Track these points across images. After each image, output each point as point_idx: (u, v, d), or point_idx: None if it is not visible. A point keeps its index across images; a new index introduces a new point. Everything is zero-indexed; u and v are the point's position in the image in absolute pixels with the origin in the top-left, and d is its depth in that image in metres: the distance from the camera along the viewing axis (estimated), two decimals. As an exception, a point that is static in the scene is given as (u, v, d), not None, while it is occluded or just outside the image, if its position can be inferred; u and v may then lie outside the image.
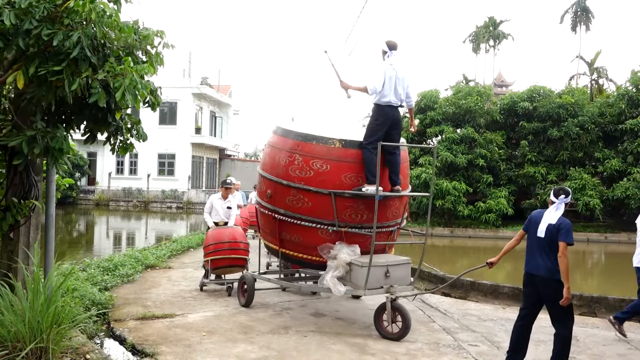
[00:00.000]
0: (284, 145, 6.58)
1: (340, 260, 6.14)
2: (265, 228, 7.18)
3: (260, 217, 7.30)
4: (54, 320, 4.43)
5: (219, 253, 8.15)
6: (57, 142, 4.67)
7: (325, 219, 6.31)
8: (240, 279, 7.60)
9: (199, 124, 41.64)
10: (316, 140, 6.35)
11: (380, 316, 6.19)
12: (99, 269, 9.20)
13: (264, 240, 7.39)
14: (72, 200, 35.49)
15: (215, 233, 8.40)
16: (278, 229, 6.69)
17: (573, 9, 47.13)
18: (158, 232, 24.75)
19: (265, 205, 6.86)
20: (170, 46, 5.17)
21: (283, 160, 6.50)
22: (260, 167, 7.14)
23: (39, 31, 4.31)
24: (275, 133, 7.00)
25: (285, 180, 6.44)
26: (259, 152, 64.21)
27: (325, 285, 6.19)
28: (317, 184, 6.24)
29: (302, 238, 6.56)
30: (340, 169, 6.23)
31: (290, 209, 6.47)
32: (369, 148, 6.16)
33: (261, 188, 7.02)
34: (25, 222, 5.14)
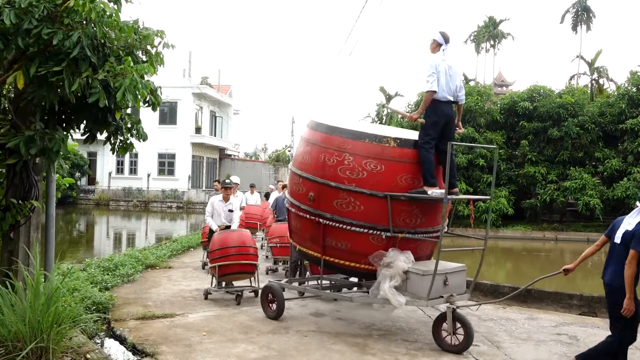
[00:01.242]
0: (330, 143, 6.06)
1: (397, 269, 5.69)
2: (304, 234, 6.53)
3: (297, 222, 6.61)
4: (54, 320, 4.43)
5: (226, 259, 7.59)
6: (55, 143, 4.67)
7: (378, 224, 5.83)
8: (266, 289, 6.91)
9: (199, 123, 41.64)
10: (369, 138, 5.88)
11: (439, 327, 5.73)
12: (99, 269, 9.21)
13: (300, 246, 6.68)
14: (72, 200, 35.50)
15: (222, 237, 7.84)
16: (322, 235, 6.12)
17: (574, 8, 47.14)
18: (158, 232, 24.76)
19: (306, 209, 6.24)
20: (170, 46, 5.17)
21: (330, 160, 5.98)
22: (297, 166, 6.53)
23: (39, 31, 4.31)
24: (314, 129, 6.43)
25: (333, 182, 5.92)
26: (259, 151, 64.24)
27: (383, 296, 5.68)
28: (370, 186, 5.78)
29: (350, 244, 6.03)
30: (396, 169, 5.82)
31: (339, 213, 5.95)
32: (426, 147, 5.82)
33: (299, 190, 6.41)
34: (25, 222, 5.14)
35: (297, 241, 6.82)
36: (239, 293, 7.76)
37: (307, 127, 6.65)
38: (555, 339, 6.26)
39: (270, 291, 6.85)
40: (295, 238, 6.87)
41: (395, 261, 5.73)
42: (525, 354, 5.74)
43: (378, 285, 5.81)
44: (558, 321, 7.07)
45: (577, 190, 22.99)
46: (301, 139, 6.76)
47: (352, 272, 6.48)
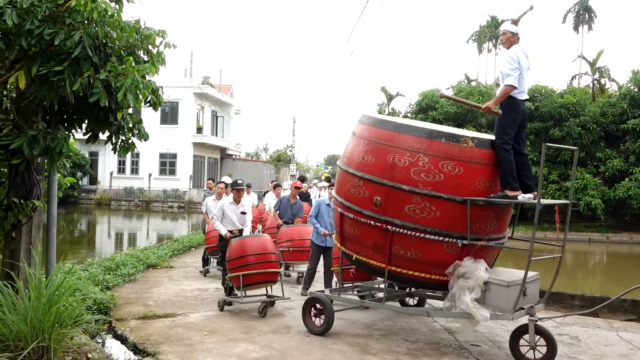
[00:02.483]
0: (401, 142, 5.53)
1: (477, 280, 5.23)
2: (364, 241, 5.88)
3: (356, 229, 5.93)
4: (55, 320, 4.44)
5: (248, 267, 6.96)
6: (57, 143, 4.68)
7: (454, 231, 5.39)
8: (311, 301, 6.29)
9: (200, 123, 41.65)
10: (445, 137, 5.42)
11: (517, 341, 5.33)
12: (100, 269, 9.22)
13: (357, 255, 6.01)
14: (74, 199, 35.52)
15: (240, 244, 7.19)
16: (390, 243, 5.57)
17: (575, 8, 47.08)
18: (159, 231, 24.77)
19: (370, 214, 5.65)
20: (171, 46, 5.17)
21: (401, 161, 5.45)
22: (354, 167, 5.90)
23: (40, 31, 4.31)
24: (376, 126, 5.88)
25: (406, 185, 5.39)
26: (260, 151, 64.22)
27: (464, 310, 5.22)
28: (448, 190, 5.31)
29: (421, 253, 5.51)
30: (475, 172, 5.39)
31: (411, 220, 5.43)
32: (506, 148, 5.41)
33: (359, 193, 5.79)
34: (27, 222, 5.15)
35: (353, 249, 6.10)
36: (265, 304, 7.10)
37: (364, 123, 6.09)
38: (557, 340, 6.25)
39: (316, 303, 6.24)
40: (350, 246, 6.14)
41: (475, 271, 5.26)
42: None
43: (453, 298, 5.34)
44: (559, 321, 7.06)
45: (579, 191, 22.97)
46: (356, 136, 6.13)
47: (420, 283, 5.91)
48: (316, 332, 6.14)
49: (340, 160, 6.37)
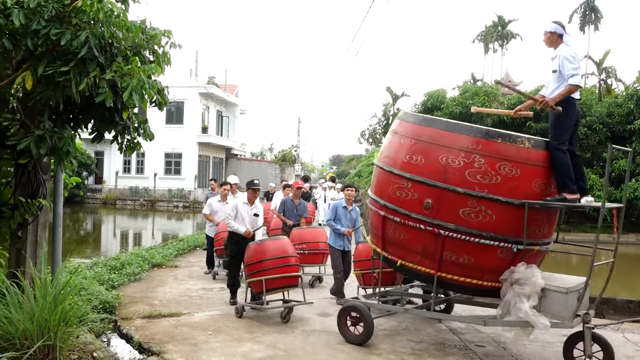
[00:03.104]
0: (454, 142, 5.29)
1: (534, 286, 5.02)
2: (412, 246, 5.60)
3: (402, 233, 5.62)
4: (61, 319, 4.45)
5: (270, 272, 6.70)
6: (64, 143, 4.70)
7: (510, 236, 5.18)
8: (348, 309, 5.99)
9: (205, 123, 41.72)
10: (502, 137, 5.21)
11: (572, 348, 5.20)
12: (106, 268, 9.25)
13: (402, 261, 5.71)
14: (80, 199, 35.66)
15: (260, 248, 6.92)
16: (441, 248, 5.32)
17: (581, 8, 46.91)
18: (165, 231, 24.83)
19: (420, 218, 5.38)
20: (177, 46, 5.18)
21: (455, 162, 5.21)
22: (400, 167, 5.59)
23: (47, 31, 4.33)
24: (425, 125, 5.61)
25: (461, 188, 5.16)
26: (265, 151, 64.27)
27: (522, 318, 4.99)
28: (505, 193, 5.10)
29: (474, 259, 5.28)
30: (531, 174, 5.19)
31: (466, 224, 5.19)
32: (563, 149, 5.23)
33: (406, 195, 5.49)
34: (33, 221, 5.17)
35: (397, 254, 5.78)
36: (289, 309, 6.88)
37: (410, 121, 5.82)
38: (562, 340, 6.21)
39: (353, 311, 5.95)
40: (394, 250, 5.82)
41: (532, 277, 5.05)
42: (531, 355, 5.72)
43: (507, 306, 5.12)
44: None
45: (585, 191, 22.85)
46: (399, 135, 5.82)
47: (470, 290, 5.66)
48: (355, 342, 5.85)
49: (380, 160, 6.03)
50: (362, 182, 36.18)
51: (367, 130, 56.15)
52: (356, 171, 39.73)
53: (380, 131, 54.33)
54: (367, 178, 31.47)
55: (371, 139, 55.50)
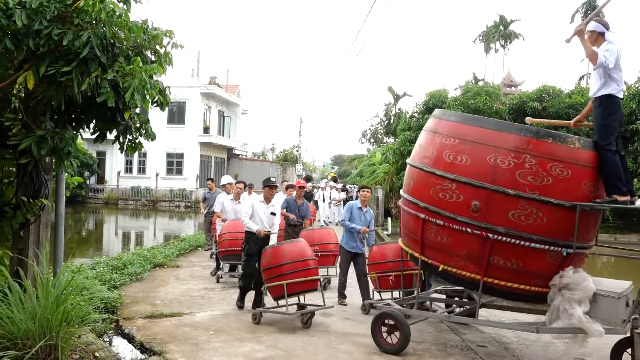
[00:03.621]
0: (503, 142, 5.10)
1: (586, 291, 4.85)
2: (456, 250, 5.34)
3: (447, 237, 5.36)
4: (63, 319, 4.46)
5: (289, 276, 6.50)
6: (65, 143, 4.71)
7: (560, 239, 5.02)
8: (383, 316, 5.74)
9: (207, 123, 41.75)
10: (552, 137, 5.03)
11: (621, 354, 5.11)
12: (107, 268, 9.27)
13: (446, 266, 5.45)
14: (82, 199, 35.71)
15: (278, 251, 6.72)
16: (489, 252, 5.10)
17: (583, 8, 46.85)
18: (166, 231, 24.85)
19: (467, 221, 5.16)
20: (179, 46, 5.18)
21: (505, 163, 5.02)
22: (444, 169, 5.34)
23: (49, 31, 4.34)
24: (472, 124, 5.37)
25: (511, 189, 4.96)
26: (267, 151, 64.27)
27: (576, 325, 4.82)
28: (557, 195, 4.94)
29: (522, 263, 5.09)
30: (581, 175, 5.04)
31: (516, 227, 5.00)
32: (612, 149, 5.09)
33: (450, 197, 5.27)
34: (35, 221, 5.18)
35: (438, 259, 5.51)
36: (310, 313, 6.68)
37: (452, 120, 5.59)
38: (563, 341, 6.21)
39: (388, 318, 5.71)
40: (435, 255, 5.55)
41: (583, 282, 4.89)
42: (533, 356, 5.72)
43: (557, 312, 4.97)
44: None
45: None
46: (439, 134, 5.57)
47: (516, 295, 5.43)
48: (390, 351, 5.61)
49: (417, 160, 5.76)
50: (363, 182, 36.21)
51: (368, 130, 56.25)
52: (358, 171, 39.77)
53: (381, 131, 54.38)
54: (369, 178, 31.49)
55: (373, 138, 55.54)
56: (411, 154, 6.07)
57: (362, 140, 57.48)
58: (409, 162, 6.01)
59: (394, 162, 27.68)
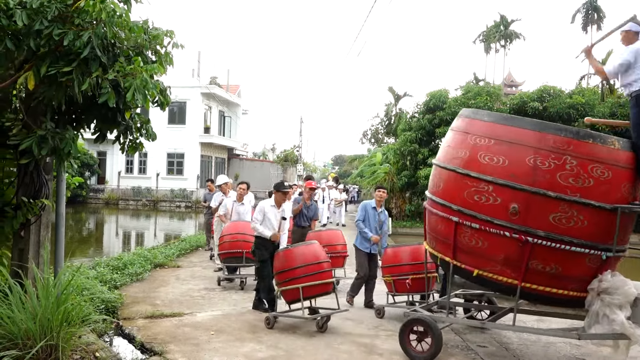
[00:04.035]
0: (543, 143, 4.93)
1: (627, 296, 4.73)
2: (493, 255, 5.13)
3: (483, 241, 5.15)
4: (64, 319, 4.46)
5: (303, 279, 6.35)
6: (65, 143, 4.71)
7: (600, 242, 4.90)
8: (412, 323, 5.50)
9: (207, 123, 41.76)
10: (592, 138, 4.91)
11: None
12: (108, 268, 9.26)
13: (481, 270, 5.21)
14: (82, 199, 35.72)
15: (292, 254, 6.57)
16: (528, 256, 4.93)
17: (584, 8, 46.87)
18: (167, 231, 24.86)
19: (505, 224, 4.98)
20: (179, 46, 5.18)
21: (545, 164, 4.86)
22: (480, 170, 5.14)
23: (49, 31, 4.34)
24: (509, 125, 5.19)
25: (552, 191, 4.80)
26: (267, 151, 64.30)
27: (618, 330, 4.70)
28: (598, 197, 4.81)
29: (561, 268, 4.95)
30: (621, 176, 4.94)
31: (556, 230, 4.84)
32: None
33: (487, 200, 5.08)
34: (35, 221, 5.18)
35: (473, 264, 5.28)
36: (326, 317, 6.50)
37: (486, 120, 5.40)
38: (564, 341, 6.22)
39: (418, 325, 5.48)
40: (469, 259, 5.32)
41: (624, 287, 4.77)
42: (533, 356, 5.71)
43: (596, 317, 4.84)
44: (567, 323, 7.02)
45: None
46: (472, 135, 5.37)
47: (554, 300, 5.29)
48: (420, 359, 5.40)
49: (448, 161, 5.53)
50: (364, 182, 36.20)
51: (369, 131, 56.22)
52: (358, 171, 39.75)
53: (382, 131, 54.37)
54: (370, 178, 31.48)
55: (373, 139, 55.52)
56: (438, 154, 5.90)
57: (362, 141, 57.47)
58: (436, 163, 5.82)
59: (394, 162, 27.69)
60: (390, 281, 7.29)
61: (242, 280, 8.87)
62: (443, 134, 25.67)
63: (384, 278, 7.43)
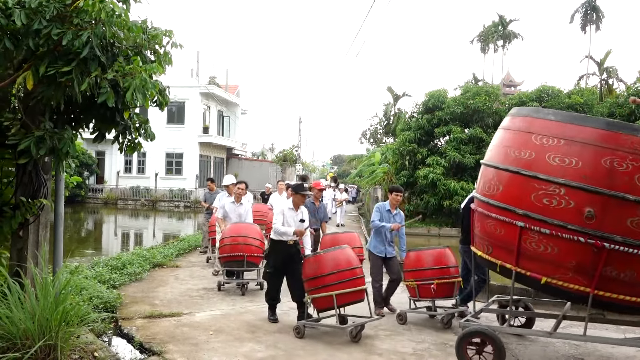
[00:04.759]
0: (620, 144, 4.70)
1: None
2: (564, 261, 4.86)
3: (554, 246, 4.87)
4: (62, 319, 4.46)
5: (337, 286, 6.01)
6: (64, 144, 4.71)
7: None
8: (472, 335, 5.19)
9: (206, 123, 41.77)
10: None
11: None
12: (107, 268, 9.26)
13: (550, 278, 4.92)
14: (81, 198, 35.71)
15: (322, 259, 6.24)
16: (603, 263, 4.69)
17: (583, 8, 46.94)
18: (166, 231, 24.85)
19: (579, 229, 4.72)
20: (178, 46, 5.18)
21: (622, 166, 4.63)
22: (549, 172, 4.86)
23: (48, 31, 4.33)
24: (580, 124, 4.95)
25: (631, 195, 4.58)
26: (266, 151, 64.27)
27: None
28: None
29: (636, 274, 4.73)
30: None
31: (634, 235, 4.61)
32: None
33: (561, 204, 4.80)
34: (34, 221, 5.17)
35: (540, 271, 4.98)
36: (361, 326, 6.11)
37: (553, 119, 5.12)
38: (562, 341, 6.22)
39: (476, 336, 5.21)
40: (535, 266, 5.01)
41: None
42: (532, 355, 5.72)
43: None
44: (566, 322, 7.02)
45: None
46: (537, 135, 5.09)
47: (627, 308, 5.03)
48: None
49: (509, 162, 5.21)
50: (363, 182, 36.22)
51: (368, 130, 56.30)
52: (357, 171, 39.77)
53: (381, 131, 54.43)
54: (368, 178, 31.50)
55: (372, 138, 55.59)
56: (490, 155, 5.63)
57: (361, 140, 57.59)
58: (490, 164, 5.52)
59: (393, 162, 27.71)
60: (413, 286, 6.96)
61: (244, 285, 8.50)
62: (442, 134, 25.76)
63: (406, 282, 7.14)
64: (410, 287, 7.05)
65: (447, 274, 6.73)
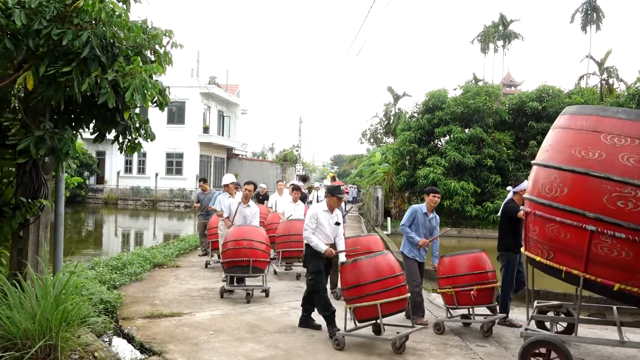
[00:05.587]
0: None
1: None
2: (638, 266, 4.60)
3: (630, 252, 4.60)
4: (62, 319, 4.46)
5: (379, 296, 5.66)
6: (63, 144, 4.71)
7: None
8: (537, 344, 4.96)
9: (207, 123, 41.78)
10: None
11: None
12: (107, 268, 9.26)
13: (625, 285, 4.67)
14: (81, 199, 35.74)
15: (362, 267, 5.83)
16: None
17: (583, 8, 46.94)
18: (166, 231, 24.85)
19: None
20: (178, 46, 5.18)
21: None
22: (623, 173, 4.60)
23: (48, 31, 4.34)
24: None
25: None
26: (266, 151, 64.27)
27: None
28: None
29: None
30: None
31: None
32: None
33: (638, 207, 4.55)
34: (34, 221, 5.17)
35: (613, 277, 4.72)
36: (405, 337, 5.79)
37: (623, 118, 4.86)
38: (563, 341, 6.21)
39: (542, 346, 4.98)
40: (607, 273, 4.74)
41: None
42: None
43: None
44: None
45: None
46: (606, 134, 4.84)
47: None
48: None
49: (576, 163, 4.93)
50: (363, 182, 36.20)
51: (368, 130, 56.24)
52: (357, 171, 39.78)
53: (381, 131, 54.39)
54: (369, 178, 31.50)
55: (372, 138, 55.55)
56: (547, 155, 5.34)
57: (361, 140, 57.53)
58: (550, 164, 5.22)
59: (393, 162, 27.71)
60: (451, 293, 6.58)
61: (249, 292, 7.93)
62: (442, 134, 25.76)
63: (441, 290, 6.79)
64: (447, 294, 6.67)
65: (485, 279, 6.45)
